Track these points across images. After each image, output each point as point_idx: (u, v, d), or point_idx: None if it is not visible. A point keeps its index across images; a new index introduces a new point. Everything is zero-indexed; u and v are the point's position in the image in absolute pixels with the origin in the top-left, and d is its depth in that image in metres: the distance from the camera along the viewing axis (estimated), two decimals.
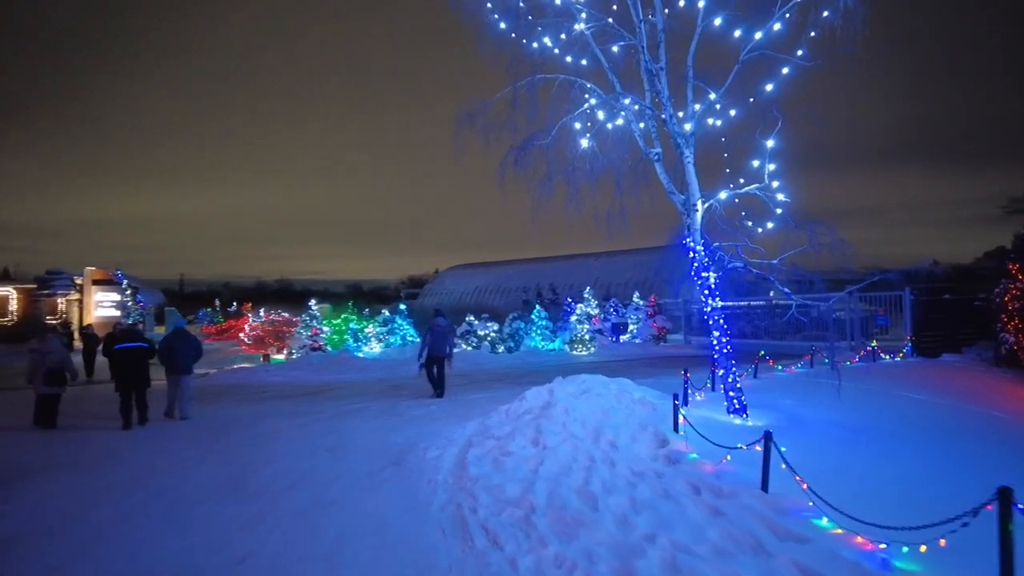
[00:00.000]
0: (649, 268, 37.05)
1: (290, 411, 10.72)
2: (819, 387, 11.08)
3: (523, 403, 8.71)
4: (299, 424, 9.35)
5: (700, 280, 8.36)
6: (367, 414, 10.19)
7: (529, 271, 43.20)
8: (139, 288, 37.15)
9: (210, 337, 34.49)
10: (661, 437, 6.54)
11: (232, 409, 11.14)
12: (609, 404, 7.76)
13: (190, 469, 6.82)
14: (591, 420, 7.28)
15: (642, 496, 5.08)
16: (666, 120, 8.45)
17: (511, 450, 6.50)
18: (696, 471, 5.49)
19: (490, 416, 8.76)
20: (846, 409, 9.09)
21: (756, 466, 5.18)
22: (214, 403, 12.07)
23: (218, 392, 13.76)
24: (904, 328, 16.17)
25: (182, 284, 79.65)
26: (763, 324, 24.91)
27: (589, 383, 9.03)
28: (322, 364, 17.92)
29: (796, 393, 10.32)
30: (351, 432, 8.61)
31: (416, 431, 8.54)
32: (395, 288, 79.07)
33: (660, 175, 8.89)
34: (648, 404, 7.77)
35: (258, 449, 7.65)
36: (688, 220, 8.51)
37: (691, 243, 8.41)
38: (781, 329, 24.76)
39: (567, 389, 8.84)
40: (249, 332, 26.57)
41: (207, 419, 10.14)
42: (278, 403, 11.79)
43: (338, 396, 12.55)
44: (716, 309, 8.35)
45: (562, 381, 9.41)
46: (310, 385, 14.78)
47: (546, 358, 19.47)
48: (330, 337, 20.95)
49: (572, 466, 5.97)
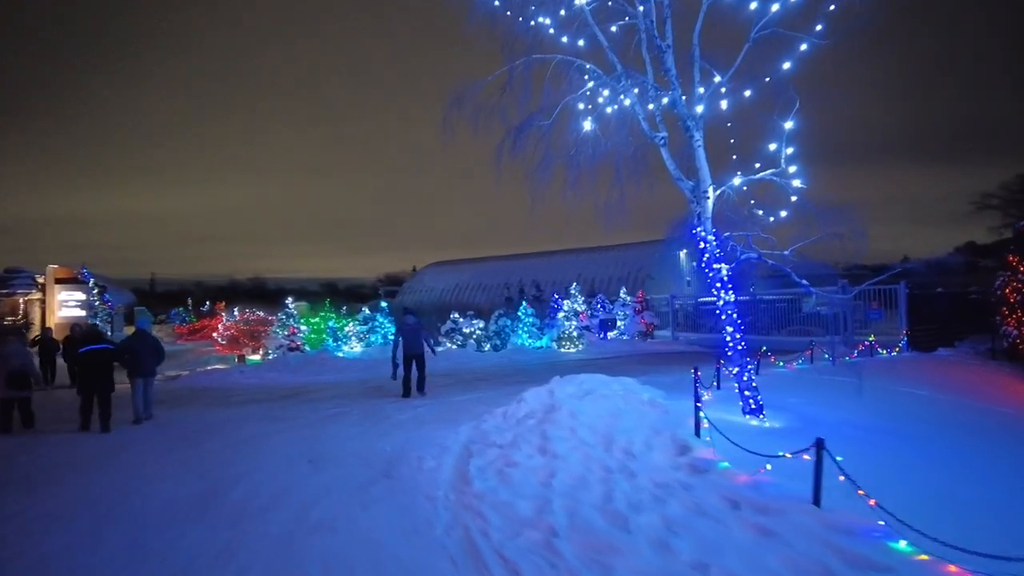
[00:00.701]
0: (632, 264, 36.67)
1: (267, 416, 9.95)
2: (824, 384, 10.66)
3: (522, 406, 8.08)
4: (277, 430, 8.60)
5: (712, 272, 7.80)
6: (350, 418, 9.47)
7: (509, 267, 42.55)
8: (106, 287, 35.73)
9: (182, 337, 33.35)
10: (680, 443, 5.96)
11: (204, 414, 10.32)
12: (617, 407, 7.16)
13: (155, 484, 6.05)
14: (600, 425, 6.68)
15: (674, 514, 4.48)
16: (674, 101, 7.88)
17: (517, 460, 5.86)
18: (729, 483, 4.91)
19: (485, 420, 8.12)
20: (857, 408, 8.64)
21: (798, 476, 4.63)
22: (185, 407, 11.24)
23: (190, 395, 12.90)
24: (899, 322, 15.88)
25: (153, 283, 77.26)
26: (747, 319, 24.64)
27: (591, 383, 8.44)
28: (300, 365, 17.08)
29: (802, 391, 9.84)
30: (334, 439, 7.89)
31: (405, 437, 7.85)
32: (372, 286, 77.86)
33: (666, 160, 8.32)
34: (659, 406, 7.19)
35: (232, 460, 6.89)
36: (698, 208, 7.95)
37: (702, 233, 7.85)
38: (766, 324, 24.61)
39: (567, 390, 8.24)
40: (223, 332, 25.57)
41: (176, 425, 9.34)
42: (254, 407, 10.99)
43: (318, 399, 11.79)
44: (729, 303, 7.80)
45: (561, 381, 8.81)
46: (288, 387, 13.97)
47: (533, 356, 18.86)
48: (308, 336, 20.08)
49: (587, 478, 5.36)
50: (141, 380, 9.73)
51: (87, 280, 29.45)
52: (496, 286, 40.42)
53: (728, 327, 7.81)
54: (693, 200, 8.07)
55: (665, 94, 7.98)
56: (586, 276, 35.63)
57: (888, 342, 15.11)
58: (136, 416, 9.58)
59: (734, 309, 7.82)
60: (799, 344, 21.41)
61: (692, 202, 8.09)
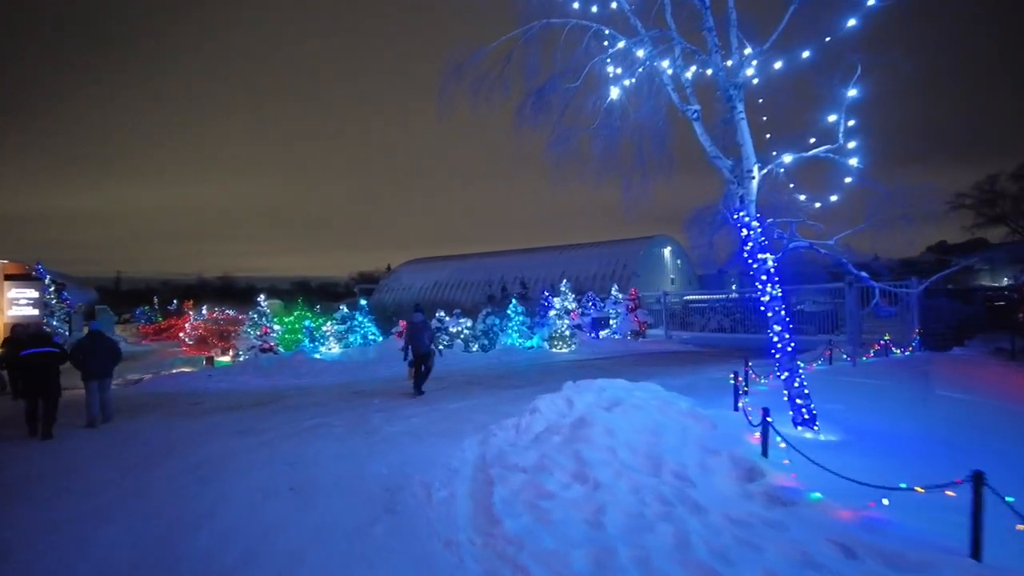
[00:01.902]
0: (616, 261, 35.86)
1: (238, 428, 8.71)
2: (855, 388, 9.79)
3: (537, 418, 7.01)
4: (249, 447, 7.38)
5: (756, 263, 6.81)
6: (335, 431, 8.28)
7: (489, 264, 41.43)
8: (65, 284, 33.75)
9: (147, 338, 31.59)
10: (746, 465, 4.94)
11: (165, 426, 9.02)
12: (655, 420, 6.13)
13: (95, 528, 4.81)
14: (640, 443, 5.63)
15: (777, 566, 3.45)
16: (713, 67, 6.88)
17: (551, 490, 4.78)
18: (830, 520, 3.90)
19: (494, 434, 7.03)
20: (899, 413, 7.78)
21: (919, 512, 3.65)
22: (145, 417, 9.91)
23: (151, 402, 11.52)
24: (911, 320, 15.17)
25: (118, 281, 74.32)
26: (739, 317, 23.98)
27: (614, 391, 7.41)
28: (274, 367, 15.73)
29: (835, 395, 8.91)
30: (318, 458, 6.71)
31: (402, 456, 6.71)
32: (345, 285, 76.09)
33: (700, 137, 7.32)
34: (703, 418, 6.17)
35: (195, 489, 5.67)
36: (740, 190, 6.95)
37: (745, 218, 6.85)
38: (756, 323, 23.92)
39: (587, 399, 7.20)
40: (190, 332, 24.05)
41: (133, 440, 8.06)
42: (223, 417, 9.72)
43: (295, 406, 10.54)
44: (776, 298, 6.82)
45: (576, 388, 7.78)
46: (261, 393, 12.67)
47: (524, 357, 17.78)
48: (282, 336, 18.70)
49: (645, 514, 4.30)
50: (95, 383, 9.28)
51: (42, 277, 27.59)
52: (477, 283, 39.28)
53: (775, 325, 6.83)
54: (733, 181, 7.08)
55: (702, 58, 6.97)
56: (569, 273, 34.67)
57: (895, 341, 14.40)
58: (89, 420, 9.11)
59: (781, 305, 6.85)
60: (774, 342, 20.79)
61: (732, 183, 7.10)
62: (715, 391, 9.94)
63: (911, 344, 14.23)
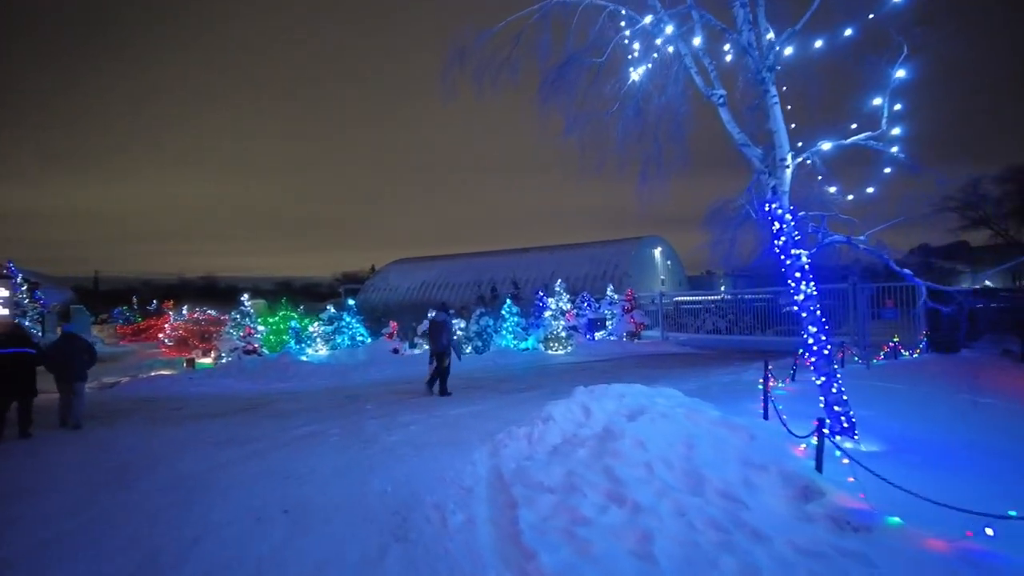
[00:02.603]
0: (607, 261, 35.44)
1: (222, 437, 8.04)
2: (874, 391, 9.33)
3: (551, 427, 6.44)
4: (236, 459, 6.73)
5: (790, 260, 6.30)
6: (329, 441, 7.65)
7: (478, 265, 40.84)
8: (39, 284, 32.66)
9: (125, 338, 30.59)
10: (800, 483, 4.41)
11: (142, 435, 8.32)
12: (685, 430, 5.58)
13: (62, 562, 4.16)
14: (674, 457, 5.08)
15: None
16: (743, 46, 6.35)
17: (586, 514, 4.20)
18: (923, 553, 3.37)
19: (504, 444, 6.46)
20: (932, 420, 7.30)
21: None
22: (121, 424, 9.21)
23: (128, 407, 10.79)
24: (917, 322, 14.82)
25: (97, 281, 72.53)
26: (733, 319, 23.64)
27: (634, 397, 6.86)
28: (258, 370, 15.01)
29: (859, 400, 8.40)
30: (314, 473, 6.08)
31: (406, 470, 6.11)
32: (329, 285, 75.01)
33: (727, 124, 6.80)
34: (738, 428, 5.63)
35: (175, 513, 5.02)
36: (772, 180, 6.44)
37: (778, 210, 6.34)
38: (749, 324, 23.62)
39: (607, 406, 6.64)
40: (170, 332, 23.16)
41: (107, 451, 7.37)
42: (205, 425, 9.03)
43: (283, 413, 9.88)
44: (810, 297, 6.32)
45: (591, 394, 7.21)
46: (245, 397, 11.98)
47: (520, 359, 17.19)
48: (266, 337, 17.96)
49: (700, 543, 3.75)
50: (68, 386, 9.11)
51: (14, 276, 26.57)
52: (465, 284, 38.64)
53: (811, 326, 6.31)
54: (764, 171, 6.56)
55: (732, 37, 6.44)
56: (560, 274, 34.17)
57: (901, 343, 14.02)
58: (62, 420, 9.08)
59: (816, 305, 6.34)
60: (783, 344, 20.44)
61: (763, 173, 6.58)
62: (730, 395, 9.45)
63: (918, 346, 13.88)
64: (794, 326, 22.81)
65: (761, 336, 22.48)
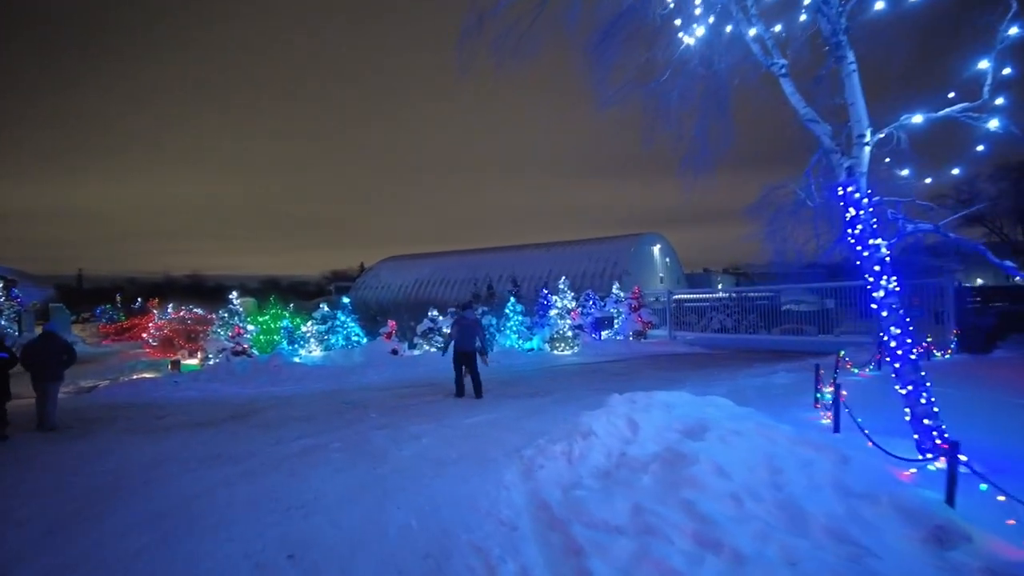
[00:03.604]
0: (606, 259, 34.64)
1: (210, 451, 7.11)
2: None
3: (593, 443, 5.60)
4: (227, 481, 5.81)
5: (868, 251, 5.48)
6: (332, 457, 6.74)
7: (472, 262, 39.89)
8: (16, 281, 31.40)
9: (108, 338, 29.38)
10: (930, 521, 3.58)
11: (119, 451, 7.36)
12: (762, 450, 4.74)
13: None
14: (758, 485, 4.24)
15: None
16: (820, 6, 5.52)
17: (677, 566, 3.33)
18: None
19: (539, 465, 5.61)
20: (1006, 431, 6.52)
21: None
22: (97, 435, 8.25)
23: (107, 415, 9.79)
24: (947, 321, 14.12)
25: (80, 279, 70.76)
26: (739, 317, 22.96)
27: (682, 408, 6.03)
28: (249, 372, 14.02)
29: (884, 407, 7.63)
30: (320, 501, 5.18)
31: (428, 496, 5.21)
32: (317, 283, 73.76)
33: (790, 97, 5.97)
34: (825, 448, 4.79)
35: (154, 556, 4.10)
36: (847, 160, 5.61)
37: (854, 194, 5.51)
38: (754, 323, 22.95)
39: (654, 419, 5.80)
40: (155, 332, 22.10)
41: (74, 471, 6.42)
42: (191, 435, 8.09)
43: (277, 421, 8.94)
44: (891, 293, 5.50)
45: (630, 403, 6.38)
46: (235, 403, 11.01)
47: (525, 360, 16.32)
48: (256, 338, 16.95)
49: None
50: (44, 386, 8.86)
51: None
52: (460, 282, 37.69)
53: (893, 327, 5.49)
54: (835, 150, 5.74)
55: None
56: (557, 271, 33.40)
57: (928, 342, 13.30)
58: (39, 422, 8.81)
59: (897, 302, 5.52)
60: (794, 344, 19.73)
61: (833, 152, 5.76)
62: (771, 401, 8.61)
63: (949, 346, 13.17)
64: (802, 324, 22.25)
65: (767, 335, 21.83)
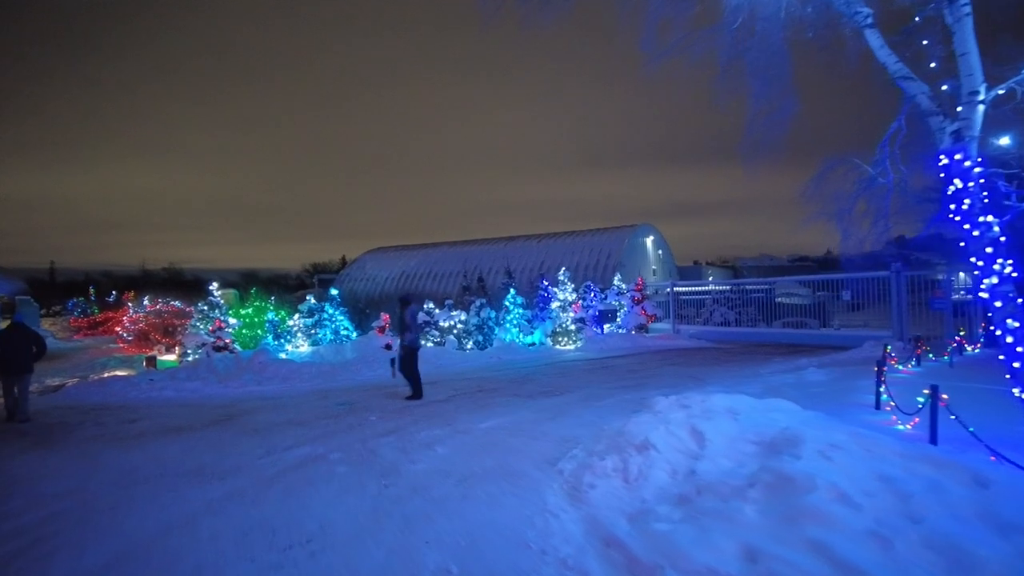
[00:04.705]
0: (599, 250, 33.79)
1: (190, 465, 6.10)
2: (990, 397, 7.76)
3: (652, 458, 4.71)
4: (212, 507, 4.81)
5: (978, 229, 4.62)
6: (334, 473, 5.75)
7: (460, 254, 38.84)
8: None
9: (80, 332, 27.94)
10: None
11: (81, 465, 6.32)
12: (874, 470, 3.86)
13: None
14: (889, 515, 3.36)
15: None
16: None
17: None
18: None
19: (589, 484, 4.73)
20: None
21: None
22: (57, 445, 7.20)
23: (74, 419, 8.72)
24: (974, 315, 13.45)
25: (53, 272, 68.39)
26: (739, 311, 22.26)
27: (748, 414, 5.15)
28: (231, 370, 12.93)
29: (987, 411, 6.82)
30: (325, 535, 4.21)
31: (459, 525, 4.28)
32: (297, 276, 72.01)
33: (878, 51, 5.10)
34: (946, 465, 3.92)
35: None
36: (954, 123, 4.75)
37: (963, 162, 4.65)
38: (753, 316, 22.29)
39: (723, 429, 4.93)
40: (129, 326, 20.86)
41: (25, 496, 5.37)
42: (167, 444, 7.06)
43: (265, 427, 7.94)
44: (1007, 280, 4.65)
45: (681, 407, 5.52)
46: (216, 404, 9.98)
47: (527, 355, 15.41)
48: (239, 332, 15.84)
49: None
50: (13, 379, 8.86)
51: None
52: (448, 274, 36.64)
53: (1009, 319, 4.64)
54: (937, 112, 4.87)
55: None
56: (550, 263, 32.51)
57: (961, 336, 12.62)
58: (9, 415, 8.80)
59: (1015, 290, 4.68)
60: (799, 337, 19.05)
61: (933, 115, 4.89)
62: (821, 402, 7.73)
63: (978, 340, 12.51)
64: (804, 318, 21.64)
65: (767, 328, 21.16)
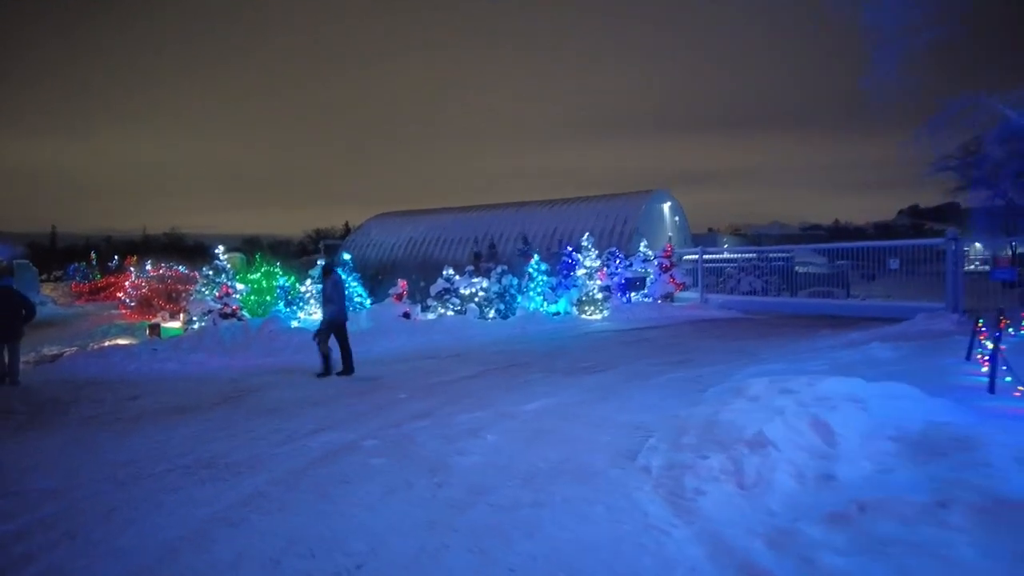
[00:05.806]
0: (615, 217, 32.55)
1: (197, 456, 5.20)
2: None
3: (772, 457, 3.83)
4: (224, 513, 3.91)
5: None
6: (370, 467, 4.85)
7: (470, 220, 37.67)
8: None
9: (81, 298, 27.14)
10: None
11: (72, 455, 5.43)
12: None
13: None
14: None
15: None
16: None
17: None
18: None
19: (697, 491, 4.01)
20: None
21: None
22: (44, 432, 6.30)
23: (67, 396, 7.84)
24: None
25: (54, 237, 67.57)
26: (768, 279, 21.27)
27: (875, 401, 4.22)
28: (239, 339, 12.02)
29: None
30: (378, 556, 3.32)
31: (546, 545, 3.37)
32: (300, 243, 71.06)
33: None
34: None
35: None
36: None
37: None
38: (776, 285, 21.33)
39: (853, 423, 4.01)
40: (132, 292, 20.00)
41: (8, 487, 4.49)
42: (171, 428, 6.18)
43: (281, 407, 7.06)
44: None
45: (782, 391, 4.60)
46: (224, 378, 9.13)
47: (553, 325, 14.48)
48: (247, 298, 14.90)
49: None
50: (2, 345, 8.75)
51: None
52: (457, 240, 35.55)
53: None
54: None
55: None
56: (563, 230, 31.41)
57: None
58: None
59: None
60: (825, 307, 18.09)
61: None
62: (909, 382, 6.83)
63: None
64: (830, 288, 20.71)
65: (791, 298, 20.22)
